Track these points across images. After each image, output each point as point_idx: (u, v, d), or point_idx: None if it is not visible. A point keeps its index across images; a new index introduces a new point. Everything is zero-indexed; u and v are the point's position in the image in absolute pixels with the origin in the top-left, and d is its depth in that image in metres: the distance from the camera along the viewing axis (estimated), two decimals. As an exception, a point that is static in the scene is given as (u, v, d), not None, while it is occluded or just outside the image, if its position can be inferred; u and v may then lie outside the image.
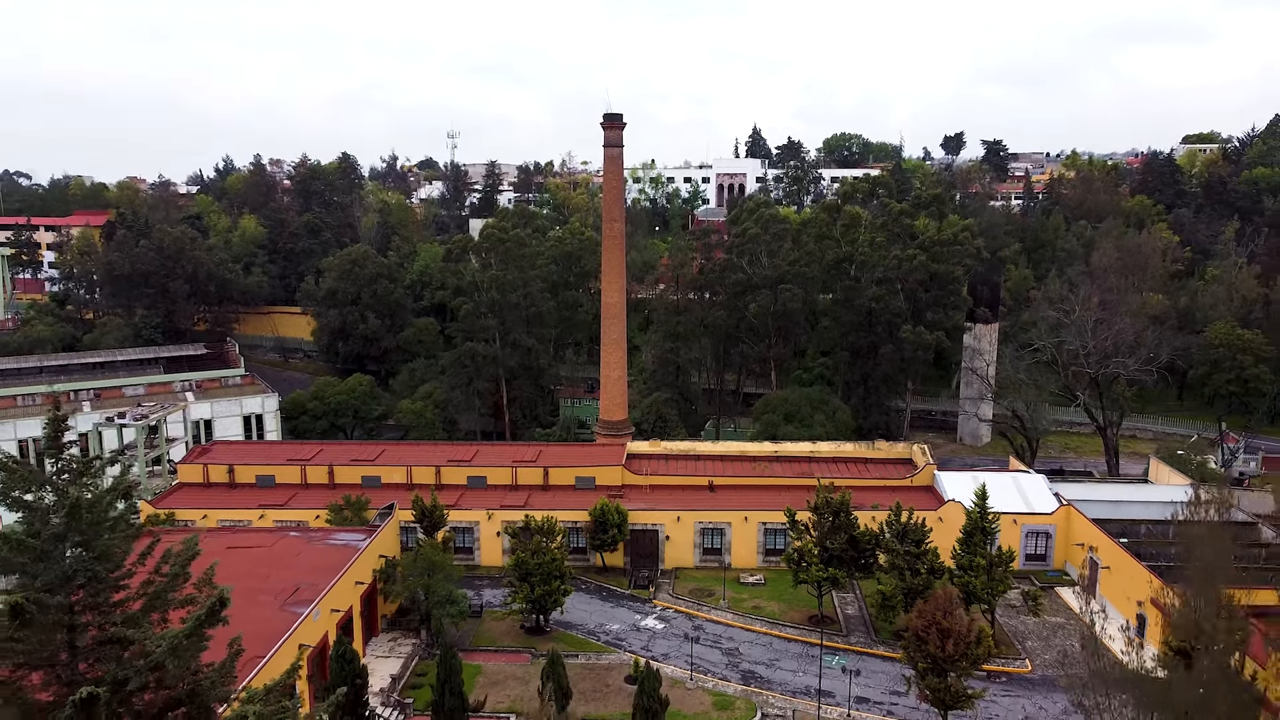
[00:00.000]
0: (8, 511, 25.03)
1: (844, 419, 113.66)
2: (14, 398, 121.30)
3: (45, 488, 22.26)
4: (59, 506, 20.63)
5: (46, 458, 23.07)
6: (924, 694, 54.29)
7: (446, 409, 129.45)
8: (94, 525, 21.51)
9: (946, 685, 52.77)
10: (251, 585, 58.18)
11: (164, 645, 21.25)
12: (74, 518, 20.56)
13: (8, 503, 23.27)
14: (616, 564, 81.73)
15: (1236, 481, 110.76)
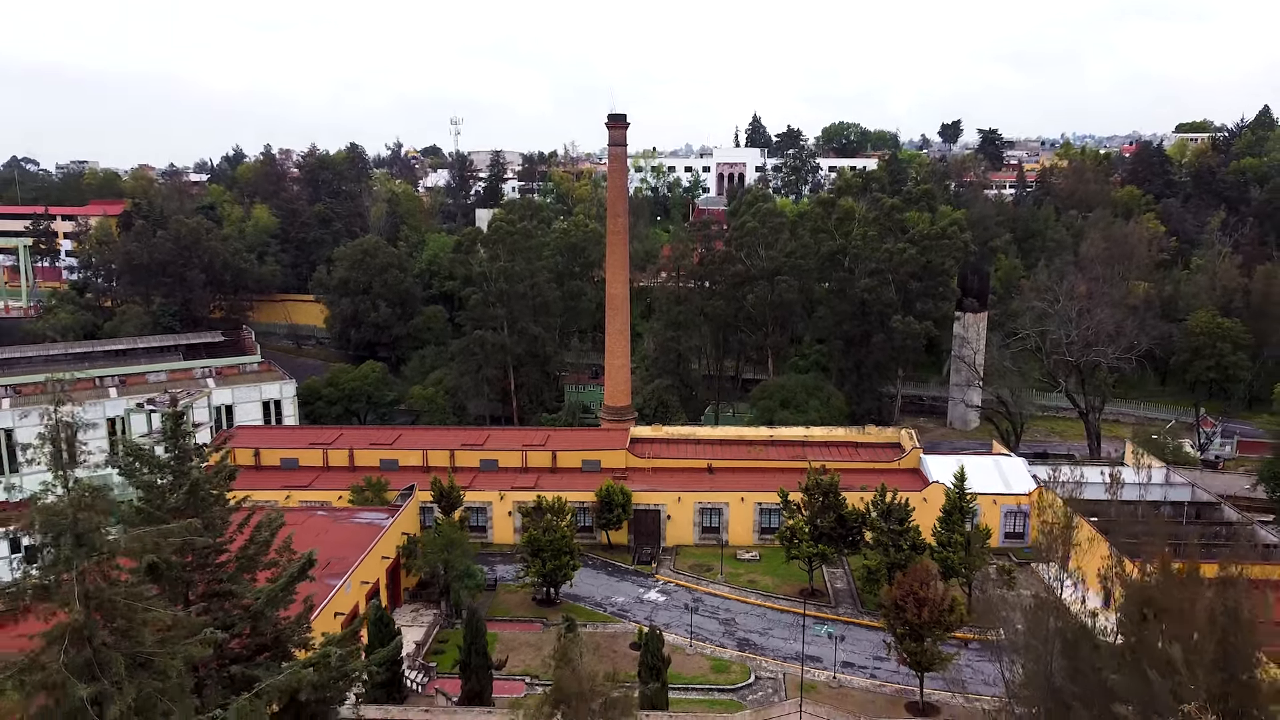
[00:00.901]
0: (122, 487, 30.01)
1: (837, 404, 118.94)
2: (42, 383, 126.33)
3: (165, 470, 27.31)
4: (178, 485, 25.56)
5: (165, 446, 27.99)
6: (903, 657, 59.71)
7: (456, 395, 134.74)
8: (204, 501, 26.52)
9: (923, 649, 58.24)
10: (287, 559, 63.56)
11: (262, 598, 26.34)
12: (192, 494, 25.51)
13: (133, 482, 28.37)
14: (621, 541, 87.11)
15: (1211, 464, 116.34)
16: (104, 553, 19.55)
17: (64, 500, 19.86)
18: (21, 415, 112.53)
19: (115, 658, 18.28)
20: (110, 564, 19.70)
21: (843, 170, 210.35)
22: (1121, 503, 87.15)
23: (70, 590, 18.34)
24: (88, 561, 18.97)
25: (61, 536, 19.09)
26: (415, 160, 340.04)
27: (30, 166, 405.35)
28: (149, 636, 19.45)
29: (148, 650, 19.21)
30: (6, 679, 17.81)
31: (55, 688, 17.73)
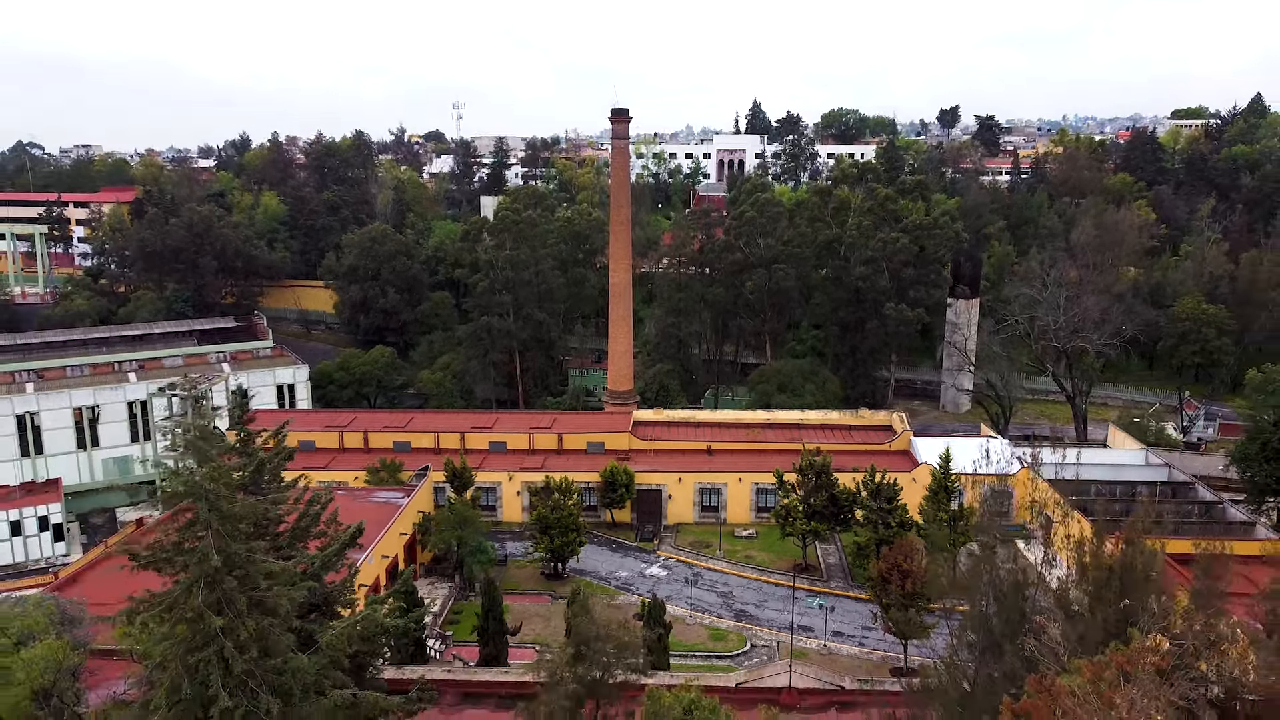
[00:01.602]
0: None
1: (832, 389, 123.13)
2: (64, 368, 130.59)
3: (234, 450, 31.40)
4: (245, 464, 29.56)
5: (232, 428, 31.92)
6: (888, 626, 64.08)
7: (464, 379, 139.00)
8: (267, 478, 30.56)
9: (906, 618, 62.58)
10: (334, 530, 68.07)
11: (318, 561, 30.45)
12: (258, 472, 29.53)
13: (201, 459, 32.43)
14: (624, 520, 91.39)
15: (1193, 446, 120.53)
16: (229, 516, 23.67)
17: (200, 474, 23.82)
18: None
19: (239, 598, 22.49)
20: (234, 525, 23.83)
21: (840, 157, 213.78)
22: (1100, 483, 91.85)
23: (207, 544, 22.44)
24: (219, 523, 23.07)
25: (200, 502, 23.13)
26: (418, 145, 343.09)
27: (36, 151, 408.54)
28: (262, 582, 23.65)
29: (261, 592, 23.41)
30: (157, 611, 22.02)
31: (195, 620, 21.95)
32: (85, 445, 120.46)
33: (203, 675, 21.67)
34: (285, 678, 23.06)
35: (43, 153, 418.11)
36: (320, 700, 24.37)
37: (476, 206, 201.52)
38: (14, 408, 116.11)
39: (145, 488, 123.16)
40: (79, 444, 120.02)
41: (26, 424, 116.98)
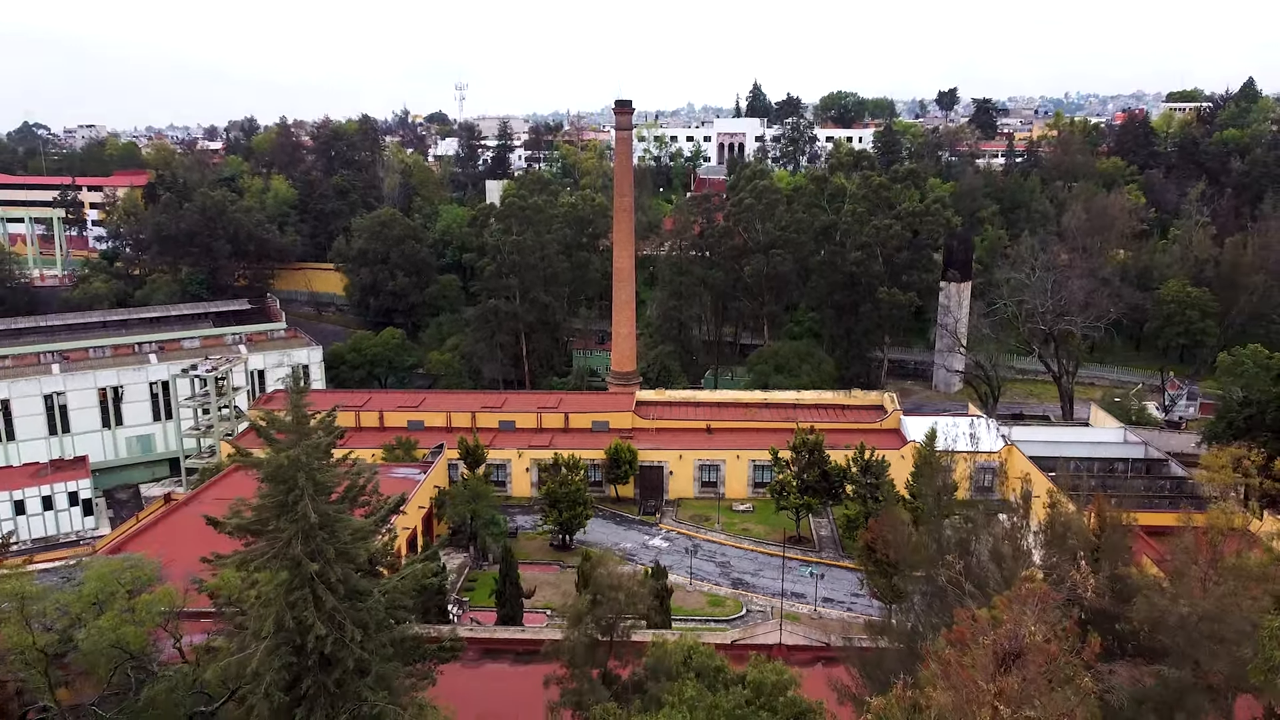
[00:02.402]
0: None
1: (827, 369, 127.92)
2: (86, 350, 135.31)
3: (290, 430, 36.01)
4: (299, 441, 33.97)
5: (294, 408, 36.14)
6: (874, 592, 69.13)
7: (471, 359, 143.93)
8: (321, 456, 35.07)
9: (890, 585, 67.57)
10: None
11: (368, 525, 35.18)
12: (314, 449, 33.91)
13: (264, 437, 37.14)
14: (628, 495, 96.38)
15: (1175, 424, 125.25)
16: (320, 484, 28.46)
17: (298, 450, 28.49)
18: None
19: (328, 548, 27.20)
20: (324, 490, 28.59)
21: (839, 141, 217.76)
22: (1079, 459, 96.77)
23: (305, 506, 27.21)
24: (314, 489, 27.82)
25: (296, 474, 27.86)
26: (421, 126, 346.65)
27: (41, 132, 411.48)
28: (346, 536, 28.41)
29: (345, 544, 28.16)
30: (265, 559, 26.82)
31: (294, 565, 26.72)
32: (110, 424, 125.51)
33: (299, 610, 26.47)
34: (363, 614, 27.89)
35: (48, 133, 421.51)
36: (389, 632, 29.31)
37: (482, 190, 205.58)
38: (42, 388, 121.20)
39: (167, 464, 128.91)
40: (104, 423, 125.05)
41: (54, 404, 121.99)
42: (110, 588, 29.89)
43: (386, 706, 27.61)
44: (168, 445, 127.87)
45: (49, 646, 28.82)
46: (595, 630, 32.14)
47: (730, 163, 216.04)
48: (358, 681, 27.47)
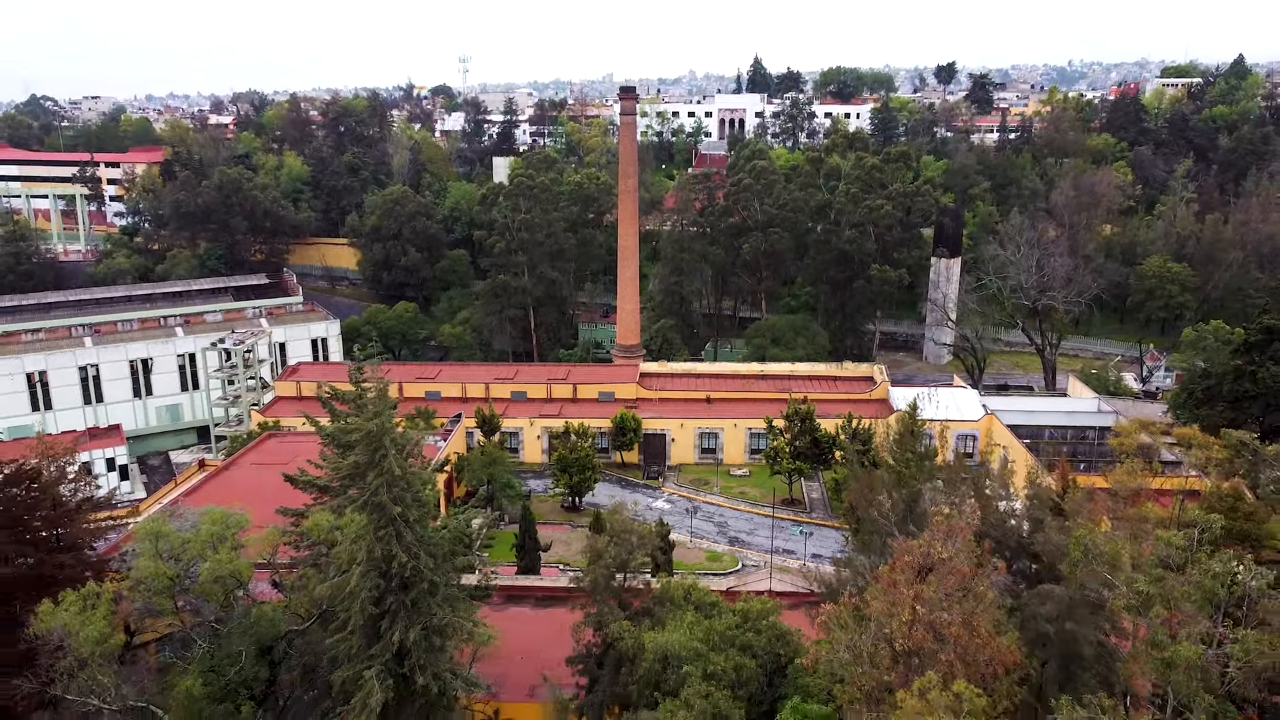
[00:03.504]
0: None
1: (821, 342, 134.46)
2: (115, 323, 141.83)
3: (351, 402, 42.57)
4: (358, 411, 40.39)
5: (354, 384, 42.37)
6: (857, 548, 75.93)
7: (482, 332, 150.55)
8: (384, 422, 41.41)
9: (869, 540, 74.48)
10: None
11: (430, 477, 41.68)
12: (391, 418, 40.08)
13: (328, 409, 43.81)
14: (633, 460, 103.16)
15: (1151, 395, 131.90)
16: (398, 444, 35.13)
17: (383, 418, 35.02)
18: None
19: (406, 496, 33.86)
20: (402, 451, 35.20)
21: (837, 118, 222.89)
22: (1053, 427, 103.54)
23: (390, 464, 33.87)
24: (395, 450, 34.43)
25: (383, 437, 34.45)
26: (426, 100, 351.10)
27: (48, 104, 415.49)
28: (418, 485, 35.09)
29: (417, 491, 34.84)
30: (358, 504, 33.48)
31: (380, 507, 33.40)
32: (140, 394, 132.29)
33: (386, 543, 33.04)
34: (433, 546, 34.56)
35: (55, 105, 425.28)
36: (452, 561, 36.05)
37: (489, 166, 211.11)
38: (77, 360, 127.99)
39: (194, 432, 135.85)
40: (135, 393, 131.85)
41: (88, 375, 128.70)
42: (221, 530, 36.48)
43: (451, 619, 34.47)
44: (195, 414, 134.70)
45: (175, 576, 35.39)
46: (612, 565, 38.85)
47: (731, 139, 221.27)
48: (429, 600, 34.24)
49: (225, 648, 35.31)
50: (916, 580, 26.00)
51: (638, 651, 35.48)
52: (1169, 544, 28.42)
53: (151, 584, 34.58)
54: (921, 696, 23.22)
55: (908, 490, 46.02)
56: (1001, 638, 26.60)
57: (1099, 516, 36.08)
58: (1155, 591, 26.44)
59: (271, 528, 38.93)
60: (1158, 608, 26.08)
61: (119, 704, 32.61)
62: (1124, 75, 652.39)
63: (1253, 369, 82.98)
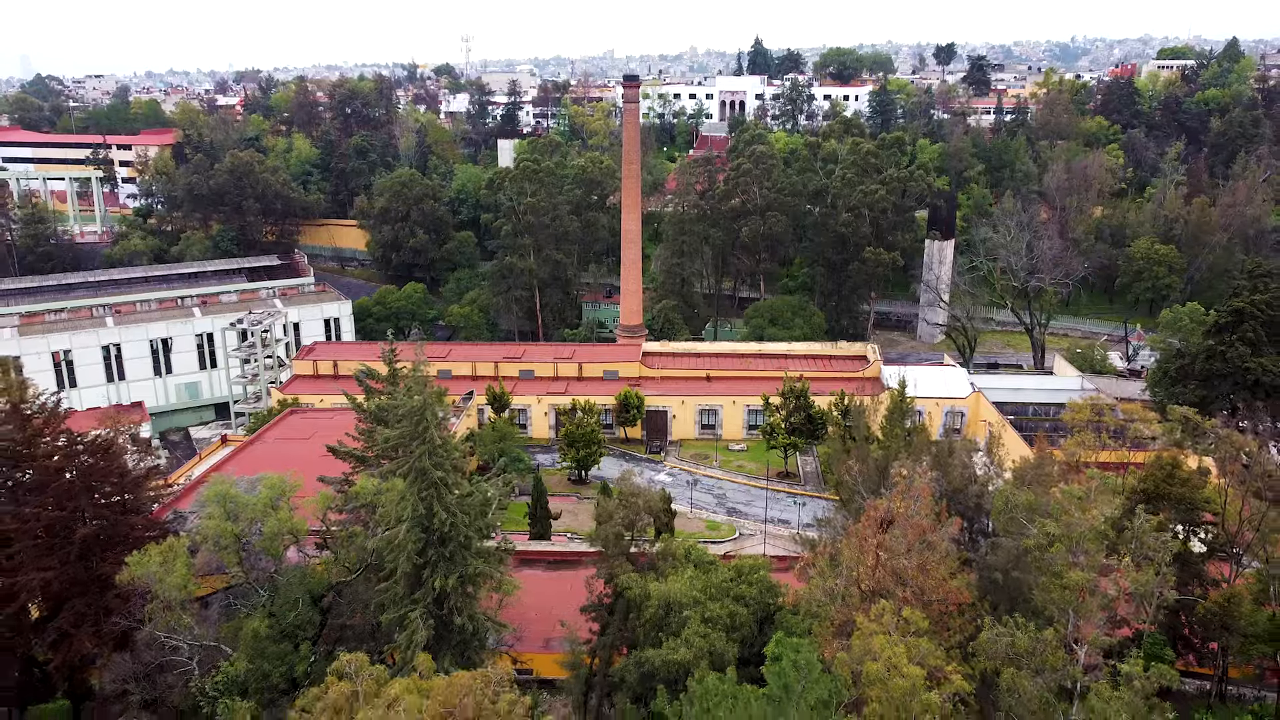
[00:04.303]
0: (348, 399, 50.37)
1: (818, 322, 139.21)
2: (135, 304, 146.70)
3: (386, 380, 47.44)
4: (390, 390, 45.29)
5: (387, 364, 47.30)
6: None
7: (489, 312, 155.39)
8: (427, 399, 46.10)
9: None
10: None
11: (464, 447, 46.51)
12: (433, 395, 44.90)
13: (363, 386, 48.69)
14: (636, 436, 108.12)
15: (1136, 373, 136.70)
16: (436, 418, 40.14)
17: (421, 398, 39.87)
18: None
19: (445, 463, 38.79)
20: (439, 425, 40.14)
21: (836, 100, 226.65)
22: (1037, 404, 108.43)
23: (433, 435, 38.79)
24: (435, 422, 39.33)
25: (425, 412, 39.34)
26: (431, 80, 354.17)
27: (54, 84, 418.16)
28: (455, 454, 40.06)
29: (455, 459, 39.83)
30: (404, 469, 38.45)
31: (423, 471, 38.37)
32: (160, 372, 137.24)
33: (428, 503, 37.97)
34: (468, 506, 39.55)
35: (60, 84, 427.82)
36: (483, 519, 41.10)
37: (494, 148, 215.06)
38: (100, 339, 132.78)
39: (212, 409, 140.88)
40: (155, 371, 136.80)
41: (110, 354, 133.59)
42: (278, 494, 41.37)
43: (483, 569, 39.50)
44: (213, 391, 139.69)
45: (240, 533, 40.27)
46: (621, 525, 43.75)
47: (732, 121, 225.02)
48: (464, 552, 39.19)
49: (283, 596, 40.40)
50: (880, 531, 30.88)
51: (644, 599, 40.50)
52: (1070, 495, 33.33)
53: (219, 540, 39.48)
54: (876, 620, 28.08)
55: (878, 459, 50.48)
56: (953, 580, 31.54)
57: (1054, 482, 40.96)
58: (1059, 533, 31.47)
59: (321, 492, 43.93)
60: (1058, 545, 31.05)
61: (196, 642, 37.62)
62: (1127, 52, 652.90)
63: (1223, 349, 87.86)
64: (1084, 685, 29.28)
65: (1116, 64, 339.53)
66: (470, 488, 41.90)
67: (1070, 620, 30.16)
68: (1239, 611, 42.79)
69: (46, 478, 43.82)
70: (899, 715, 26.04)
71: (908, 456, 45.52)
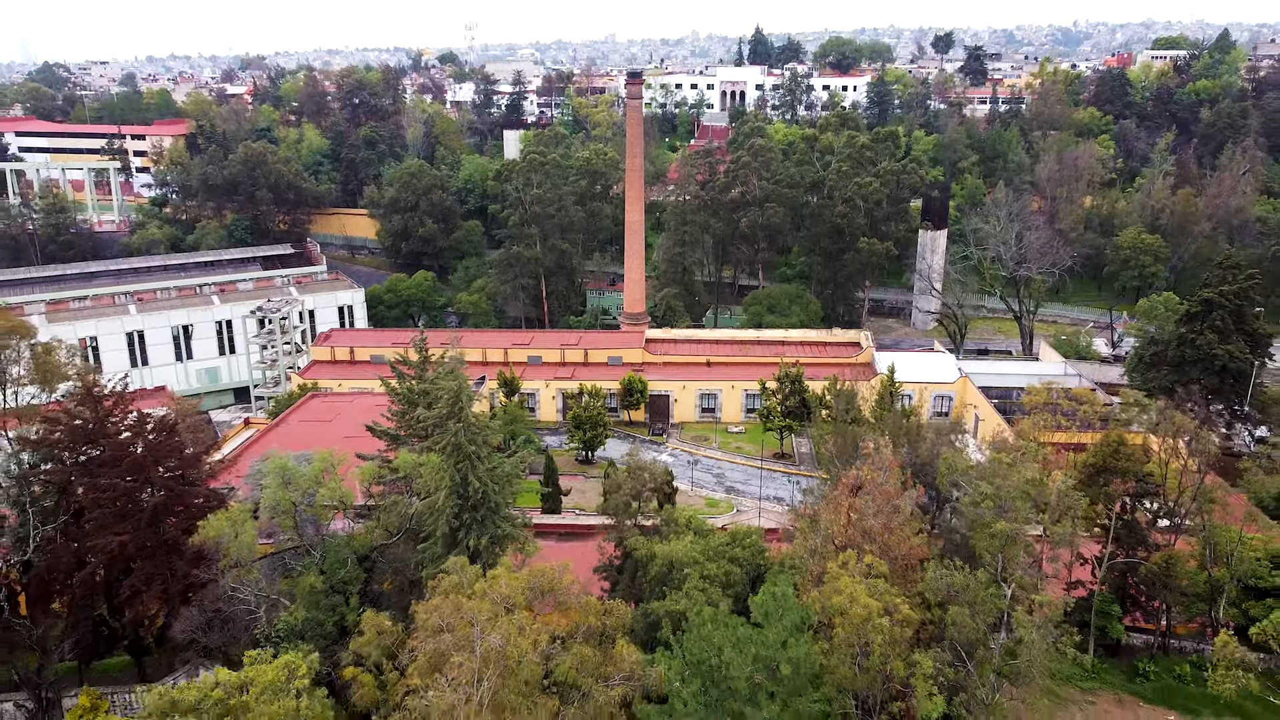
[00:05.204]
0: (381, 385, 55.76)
1: (814, 309, 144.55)
2: (155, 291, 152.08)
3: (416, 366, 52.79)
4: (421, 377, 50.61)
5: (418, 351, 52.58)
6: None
7: (496, 300, 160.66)
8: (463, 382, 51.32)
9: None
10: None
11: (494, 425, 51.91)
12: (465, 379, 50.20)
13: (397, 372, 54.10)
14: (639, 419, 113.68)
15: (1120, 359, 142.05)
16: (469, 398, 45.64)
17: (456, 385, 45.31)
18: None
19: (478, 438, 44.32)
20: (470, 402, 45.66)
21: (834, 91, 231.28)
22: (1023, 389, 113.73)
23: (468, 414, 44.26)
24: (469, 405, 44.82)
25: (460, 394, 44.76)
26: (435, 68, 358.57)
27: (62, 71, 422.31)
28: (486, 430, 45.59)
29: (486, 435, 45.37)
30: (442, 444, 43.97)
31: (458, 445, 43.86)
32: (181, 358, 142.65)
33: (463, 472, 43.49)
34: (498, 475, 45.13)
35: (67, 71, 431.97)
36: (511, 486, 46.74)
37: (499, 137, 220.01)
38: (124, 326, 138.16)
39: (231, 393, 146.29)
40: (176, 357, 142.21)
41: (134, 340, 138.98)
42: (327, 466, 46.83)
43: (510, 531, 45.09)
44: (232, 376, 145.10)
45: (296, 501, 45.74)
46: (630, 494, 49.27)
47: (733, 111, 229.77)
48: (494, 516, 44.79)
49: (332, 556, 45.90)
50: (851, 496, 36.28)
51: (650, 559, 45.97)
52: (999, 460, 38.78)
53: (277, 506, 44.91)
54: (843, 566, 33.53)
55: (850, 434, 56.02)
56: (915, 538, 36.94)
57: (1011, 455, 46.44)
58: (990, 492, 37.00)
59: (366, 465, 49.50)
60: (988, 502, 36.53)
61: (263, 594, 43.20)
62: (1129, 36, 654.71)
63: (1193, 337, 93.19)
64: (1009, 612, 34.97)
65: (1119, 48, 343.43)
66: (499, 459, 47.42)
67: (999, 562, 35.70)
68: (1178, 572, 48.33)
69: (118, 453, 49.32)
70: (858, 636, 31.78)
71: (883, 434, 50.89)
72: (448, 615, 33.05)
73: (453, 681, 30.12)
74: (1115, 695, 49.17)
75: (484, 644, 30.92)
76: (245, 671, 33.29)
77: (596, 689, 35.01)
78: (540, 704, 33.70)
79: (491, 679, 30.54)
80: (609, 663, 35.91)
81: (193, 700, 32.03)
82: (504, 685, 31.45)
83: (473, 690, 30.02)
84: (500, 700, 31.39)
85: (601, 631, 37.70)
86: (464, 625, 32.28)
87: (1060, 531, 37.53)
